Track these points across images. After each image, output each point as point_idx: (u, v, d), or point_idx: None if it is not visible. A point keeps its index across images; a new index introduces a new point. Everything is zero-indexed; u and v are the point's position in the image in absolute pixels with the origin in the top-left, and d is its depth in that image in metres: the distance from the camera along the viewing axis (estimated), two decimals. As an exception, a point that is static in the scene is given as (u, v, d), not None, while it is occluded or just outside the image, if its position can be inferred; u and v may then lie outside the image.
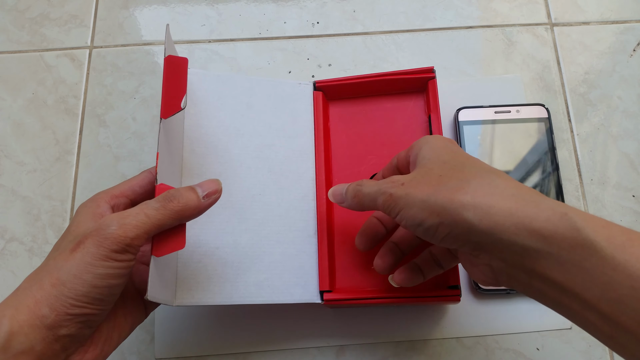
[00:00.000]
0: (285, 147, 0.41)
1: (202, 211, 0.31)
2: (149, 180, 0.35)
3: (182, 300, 0.35)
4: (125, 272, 0.28)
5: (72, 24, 0.53)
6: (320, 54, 0.51)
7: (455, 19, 0.53)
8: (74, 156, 0.48)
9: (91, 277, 0.27)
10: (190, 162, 0.38)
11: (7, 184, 0.48)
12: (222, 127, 0.40)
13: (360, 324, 0.42)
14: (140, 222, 0.28)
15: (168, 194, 0.30)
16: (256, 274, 0.37)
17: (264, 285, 0.37)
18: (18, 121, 0.50)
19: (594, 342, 0.42)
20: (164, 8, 0.54)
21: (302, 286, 0.38)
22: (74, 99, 0.50)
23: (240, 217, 0.38)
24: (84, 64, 0.52)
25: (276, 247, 0.39)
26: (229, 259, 0.37)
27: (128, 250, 0.28)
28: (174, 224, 0.30)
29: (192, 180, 0.38)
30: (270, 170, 0.40)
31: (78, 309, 0.27)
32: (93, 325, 0.29)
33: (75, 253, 0.28)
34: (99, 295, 0.28)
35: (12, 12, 0.54)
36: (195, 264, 0.36)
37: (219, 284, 0.36)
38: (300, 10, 0.53)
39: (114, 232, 0.28)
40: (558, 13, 0.52)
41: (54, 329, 0.27)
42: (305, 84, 0.44)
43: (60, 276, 0.27)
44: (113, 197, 0.33)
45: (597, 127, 0.48)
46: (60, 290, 0.27)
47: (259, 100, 0.42)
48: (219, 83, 0.41)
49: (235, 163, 0.40)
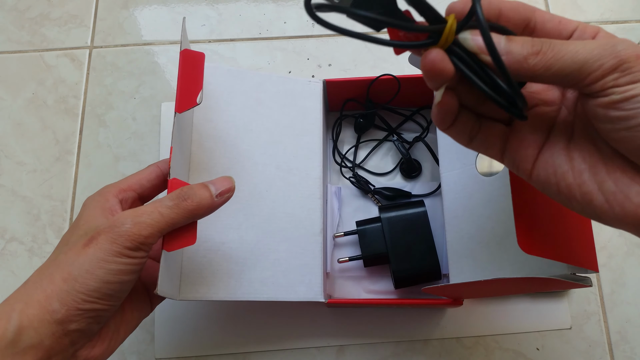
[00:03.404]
0: (294, 145, 0.41)
1: (214, 209, 0.31)
2: (157, 175, 0.35)
3: (186, 294, 0.35)
4: (138, 268, 0.29)
5: (72, 24, 0.53)
6: (320, 54, 0.51)
7: (455, 19, 0.52)
8: (74, 156, 0.48)
9: (103, 273, 0.27)
10: (199, 157, 0.38)
11: (7, 184, 0.48)
12: (231, 122, 0.40)
13: (360, 324, 0.42)
14: (155, 220, 0.28)
15: (182, 192, 0.30)
16: (261, 271, 0.37)
17: (269, 282, 0.37)
18: (18, 121, 0.50)
19: (594, 342, 0.42)
20: (164, 8, 0.54)
21: (307, 284, 0.38)
22: (74, 99, 0.50)
23: (246, 213, 0.38)
24: (84, 64, 0.52)
25: (281, 244, 0.38)
26: (234, 255, 0.37)
27: (141, 248, 0.28)
28: (187, 222, 0.30)
29: (199, 175, 0.38)
30: (277, 167, 0.40)
31: (89, 304, 0.27)
32: (102, 321, 0.29)
33: (88, 248, 0.28)
34: (110, 291, 0.28)
35: (12, 12, 0.54)
36: (201, 259, 0.36)
37: (223, 279, 0.36)
38: (300, 10, 0.53)
39: (128, 230, 0.28)
40: (558, 13, 0.52)
41: (64, 323, 0.27)
42: (315, 82, 0.43)
43: (72, 271, 0.27)
44: (121, 191, 0.33)
45: (597, 127, 0.48)
46: (71, 285, 0.27)
47: (268, 96, 0.42)
48: (229, 77, 0.41)
49: (243, 159, 0.39)
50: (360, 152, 0.47)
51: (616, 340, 0.42)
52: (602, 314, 0.43)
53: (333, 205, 0.44)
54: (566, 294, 0.43)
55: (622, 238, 0.45)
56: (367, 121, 0.46)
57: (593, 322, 0.43)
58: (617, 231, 0.45)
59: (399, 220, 0.41)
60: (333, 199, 0.44)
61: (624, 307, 0.43)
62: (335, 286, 0.42)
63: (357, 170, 0.46)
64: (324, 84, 0.43)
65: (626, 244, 0.45)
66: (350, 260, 0.41)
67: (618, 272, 0.44)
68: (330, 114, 0.48)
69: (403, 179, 0.46)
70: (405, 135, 0.47)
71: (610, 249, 0.44)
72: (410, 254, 0.40)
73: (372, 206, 0.45)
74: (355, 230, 0.42)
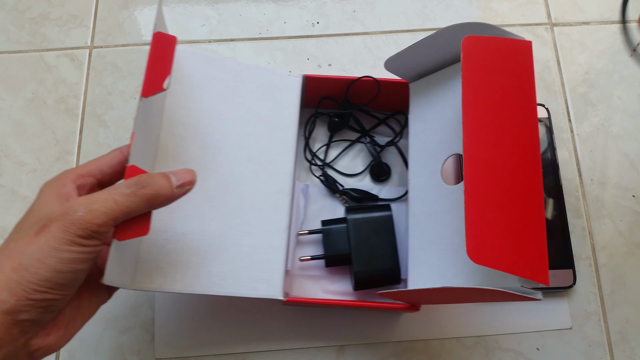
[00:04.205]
0: (267, 138, 0.40)
1: (172, 200, 0.30)
2: (119, 160, 0.34)
3: (140, 284, 0.34)
4: (91, 256, 0.28)
5: (72, 24, 0.53)
6: (320, 54, 0.51)
7: (455, 19, 0.53)
8: (74, 156, 0.48)
9: (55, 262, 0.26)
10: (167, 144, 0.37)
11: (7, 184, 0.48)
12: (205, 110, 0.39)
13: (360, 324, 0.42)
14: (109, 208, 0.27)
15: (140, 179, 0.29)
16: (221, 264, 0.36)
17: (228, 277, 0.36)
18: (18, 121, 0.50)
19: (594, 342, 0.42)
20: (164, 8, 0.54)
21: (267, 281, 0.37)
22: (74, 99, 0.50)
23: (211, 204, 0.37)
24: (84, 64, 0.52)
25: (245, 238, 0.37)
26: (195, 246, 0.36)
27: (94, 237, 0.27)
28: (143, 211, 0.29)
29: (166, 163, 0.36)
30: (248, 160, 0.39)
31: (40, 294, 0.26)
32: (55, 310, 0.28)
33: (40, 237, 0.27)
34: (63, 280, 0.27)
35: (12, 12, 0.54)
36: (159, 249, 0.35)
37: (181, 271, 0.35)
38: (300, 10, 0.53)
39: (80, 218, 0.27)
40: (558, 13, 0.52)
41: (13, 314, 0.26)
42: (295, 76, 0.42)
43: (22, 260, 0.26)
44: (79, 177, 0.32)
45: (597, 127, 0.48)
46: (21, 274, 0.26)
47: (246, 86, 0.41)
48: (207, 64, 0.40)
49: (214, 149, 0.38)
50: (331, 151, 0.47)
51: (616, 340, 0.42)
52: (602, 314, 0.43)
53: (299, 203, 0.44)
54: (566, 294, 0.43)
55: (622, 238, 0.45)
56: (342, 121, 0.46)
57: (593, 322, 0.43)
58: (617, 231, 0.45)
59: (365, 222, 0.41)
60: (300, 196, 0.44)
61: (624, 307, 0.43)
62: (293, 284, 0.42)
63: (326, 170, 0.46)
64: (304, 78, 0.43)
65: (626, 244, 0.45)
66: (313, 259, 0.41)
67: (618, 272, 0.44)
68: (305, 110, 0.47)
69: (372, 181, 0.46)
70: (378, 139, 0.47)
71: (610, 249, 0.45)
72: (373, 256, 0.39)
73: (338, 206, 0.45)
74: (320, 230, 0.42)
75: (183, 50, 0.39)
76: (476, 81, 0.32)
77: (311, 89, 0.44)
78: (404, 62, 0.39)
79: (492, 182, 0.30)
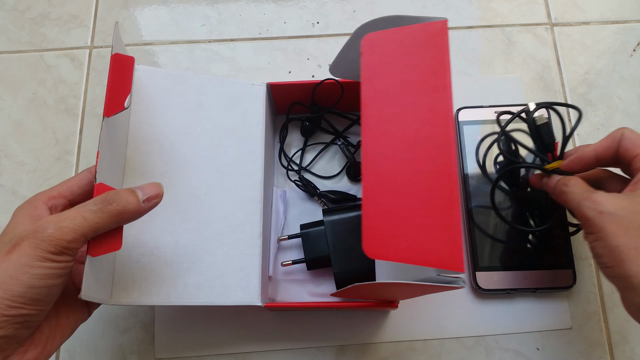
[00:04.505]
0: (235, 148, 0.41)
1: (141, 215, 0.31)
2: (88, 180, 0.35)
3: (118, 299, 0.34)
4: (63, 272, 0.28)
5: (72, 24, 0.53)
6: (320, 54, 0.51)
7: (455, 19, 0.53)
8: (74, 156, 0.48)
9: (28, 278, 0.27)
10: (134, 161, 0.38)
11: (7, 184, 0.48)
12: (169, 125, 0.40)
13: (360, 324, 0.42)
14: (78, 225, 0.28)
15: (107, 196, 0.30)
16: (196, 275, 0.37)
17: (204, 286, 0.37)
18: (18, 121, 0.50)
19: (594, 342, 0.42)
20: (164, 8, 0.54)
21: (244, 288, 0.37)
22: (74, 99, 0.50)
23: (183, 217, 0.38)
24: (84, 64, 0.52)
25: (218, 248, 0.38)
26: (169, 259, 0.37)
27: (65, 252, 0.28)
28: (112, 226, 0.30)
29: (134, 179, 0.37)
30: (217, 171, 0.40)
31: (14, 309, 0.27)
32: (31, 326, 0.28)
33: (11, 255, 0.27)
34: (37, 295, 0.27)
35: (12, 12, 0.54)
36: (134, 264, 0.36)
37: (156, 284, 0.36)
38: (300, 10, 0.53)
39: (50, 235, 0.27)
40: (558, 13, 0.52)
41: None
42: (259, 85, 0.43)
43: None
44: (50, 199, 0.33)
45: (597, 127, 0.48)
46: None
47: (209, 99, 0.41)
48: (167, 80, 0.40)
49: (181, 162, 0.39)
50: (307, 155, 0.48)
51: (616, 340, 0.42)
52: (602, 314, 0.43)
53: (278, 208, 0.44)
54: (566, 294, 0.43)
55: (622, 238, 0.45)
56: (314, 124, 0.47)
57: (593, 322, 0.43)
58: (617, 231, 0.45)
59: (342, 223, 0.41)
60: (279, 202, 0.45)
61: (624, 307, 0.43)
62: (278, 289, 0.43)
63: (303, 174, 0.47)
64: (268, 87, 0.43)
65: (626, 244, 0.45)
66: (294, 263, 0.41)
67: (618, 272, 0.44)
68: (278, 117, 0.48)
69: (350, 181, 0.46)
70: (352, 139, 0.47)
71: (610, 249, 0.44)
72: (351, 257, 0.40)
73: (318, 209, 0.45)
74: (299, 234, 0.42)
75: (143, 70, 0.39)
76: (376, 78, 0.32)
77: (280, 96, 0.45)
78: (344, 65, 0.39)
79: (393, 176, 0.29)
